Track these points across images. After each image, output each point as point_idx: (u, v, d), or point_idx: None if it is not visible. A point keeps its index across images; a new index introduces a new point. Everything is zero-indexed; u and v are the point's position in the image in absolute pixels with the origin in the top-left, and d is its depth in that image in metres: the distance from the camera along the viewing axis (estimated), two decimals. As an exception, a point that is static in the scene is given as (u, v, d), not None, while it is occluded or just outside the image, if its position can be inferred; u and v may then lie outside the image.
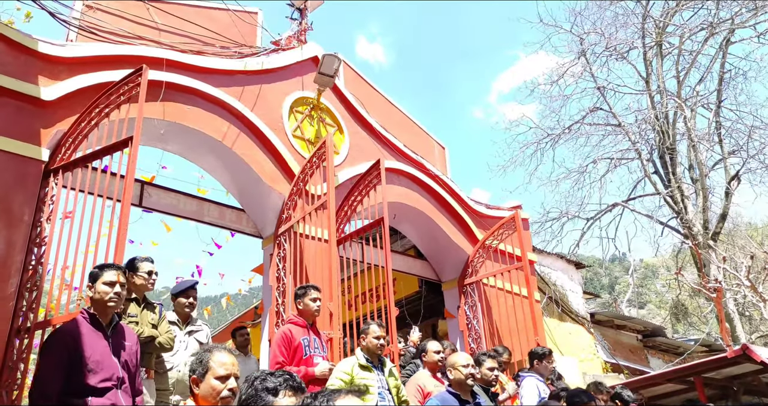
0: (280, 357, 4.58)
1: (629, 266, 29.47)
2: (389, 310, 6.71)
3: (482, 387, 4.97)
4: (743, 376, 7.80)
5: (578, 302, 11.77)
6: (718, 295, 12.81)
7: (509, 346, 8.33)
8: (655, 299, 34.79)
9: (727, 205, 16.50)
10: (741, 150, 17.07)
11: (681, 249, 18.44)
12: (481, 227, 9.66)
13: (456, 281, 9.53)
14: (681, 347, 13.57)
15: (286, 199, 7.62)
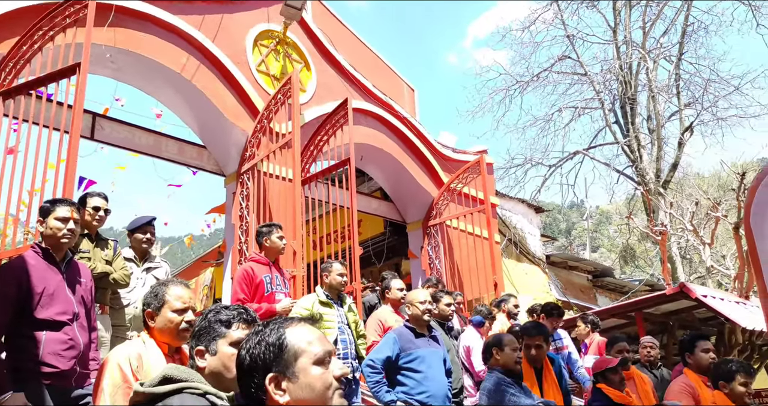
0: (241, 294, 4.55)
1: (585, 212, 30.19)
2: (353, 250, 6.73)
3: (439, 322, 5.08)
4: (679, 312, 8.16)
5: (536, 245, 12.02)
6: (663, 238, 13.23)
7: (468, 284, 8.50)
8: (607, 243, 35.80)
9: (679, 155, 16.85)
10: (696, 103, 17.30)
11: (634, 196, 18.88)
12: (447, 171, 9.64)
13: (420, 223, 9.57)
14: (627, 286, 14.09)
15: (249, 137, 7.41)
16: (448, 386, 4.18)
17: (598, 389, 4.33)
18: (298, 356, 1.38)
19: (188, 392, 1.62)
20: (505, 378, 3.65)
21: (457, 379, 4.82)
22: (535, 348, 4.01)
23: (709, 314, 7.65)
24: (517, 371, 3.77)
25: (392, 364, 4.10)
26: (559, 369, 4.30)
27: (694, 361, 4.30)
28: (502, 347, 3.77)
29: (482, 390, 3.70)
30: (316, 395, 1.34)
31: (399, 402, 3.96)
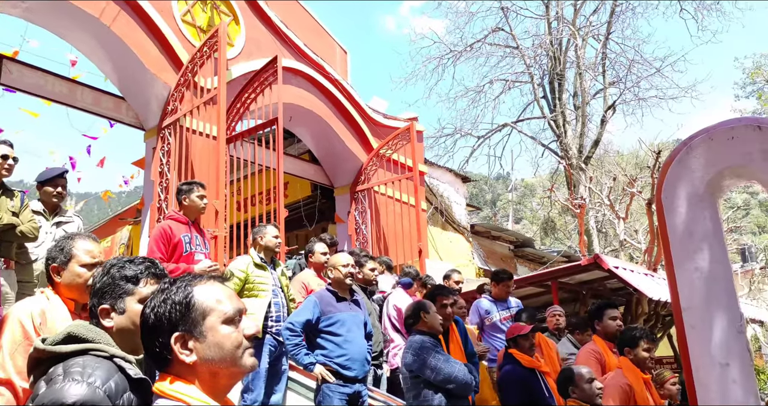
0: (157, 253, 4.39)
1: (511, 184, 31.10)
2: (279, 212, 6.63)
3: (361, 286, 5.12)
4: (592, 282, 8.62)
5: (461, 214, 12.29)
6: (581, 211, 13.87)
7: (393, 250, 8.60)
8: (529, 216, 37.11)
9: (601, 132, 17.59)
10: (620, 82, 18.03)
11: (557, 170, 19.60)
12: (377, 136, 9.61)
13: (348, 188, 9.55)
14: (545, 257, 14.72)
15: (172, 90, 7.08)
16: (367, 350, 4.25)
17: (510, 354, 4.54)
18: (206, 314, 1.34)
19: (94, 353, 1.55)
20: (430, 339, 3.75)
21: (377, 342, 4.91)
22: (450, 306, 4.11)
23: (619, 285, 8.11)
24: (440, 333, 3.88)
25: (312, 327, 4.11)
26: (464, 332, 4.45)
27: (602, 328, 4.55)
28: (429, 310, 3.86)
29: (407, 349, 3.78)
30: (225, 354, 1.32)
31: (318, 365, 3.99)
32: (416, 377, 3.66)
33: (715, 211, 2.77)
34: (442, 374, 3.57)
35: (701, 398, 2.48)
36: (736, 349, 2.51)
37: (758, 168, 2.54)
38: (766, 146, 2.51)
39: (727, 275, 2.67)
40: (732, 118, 2.83)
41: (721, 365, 2.50)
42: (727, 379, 2.46)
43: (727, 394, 2.44)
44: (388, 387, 5.18)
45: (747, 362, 2.50)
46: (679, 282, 2.71)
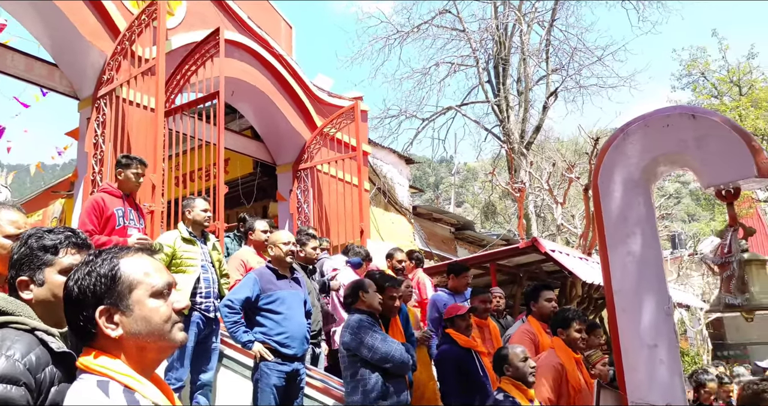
0: (89, 225, 4.21)
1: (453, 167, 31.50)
2: (218, 188, 6.49)
3: (302, 265, 5.08)
4: (529, 264, 8.87)
5: (404, 195, 12.34)
6: (521, 195, 14.20)
7: (335, 230, 8.56)
8: (471, 199, 37.77)
9: (543, 118, 18.00)
10: (562, 69, 18.45)
11: (499, 154, 19.96)
12: (321, 114, 9.47)
13: (291, 166, 9.39)
14: (485, 240, 15.03)
15: (108, 59, 6.74)
16: (307, 328, 4.22)
17: (447, 334, 4.62)
18: (133, 287, 1.29)
19: (14, 326, 1.48)
20: (368, 318, 3.75)
21: (316, 321, 4.89)
22: (398, 298, 4.14)
23: (555, 268, 8.36)
24: (378, 312, 3.88)
25: (252, 304, 4.05)
26: (405, 315, 4.50)
27: (537, 309, 4.68)
28: (367, 289, 3.85)
29: (345, 328, 3.77)
30: (152, 328, 1.28)
31: (256, 342, 3.94)
32: (354, 356, 3.66)
33: (648, 197, 2.86)
34: (379, 354, 3.58)
35: (629, 377, 2.58)
36: (664, 331, 2.61)
37: (691, 156, 2.63)
38: (699, 134, 2.59)
39: (658, 260, 2.77)
40: (668, 107, 2.91)
41: (649, 346, 2.60)
42: (655, 360, 2.57)
43: (654, 374, 2.55)
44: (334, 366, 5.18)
45: (674, 344, 2.61)
46: (612, 265, 2.79)
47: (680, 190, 40.88)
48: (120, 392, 1.20)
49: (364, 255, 6.10)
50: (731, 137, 2.45)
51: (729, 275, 2.31)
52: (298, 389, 4.13)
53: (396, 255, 6.03)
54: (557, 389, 3.72)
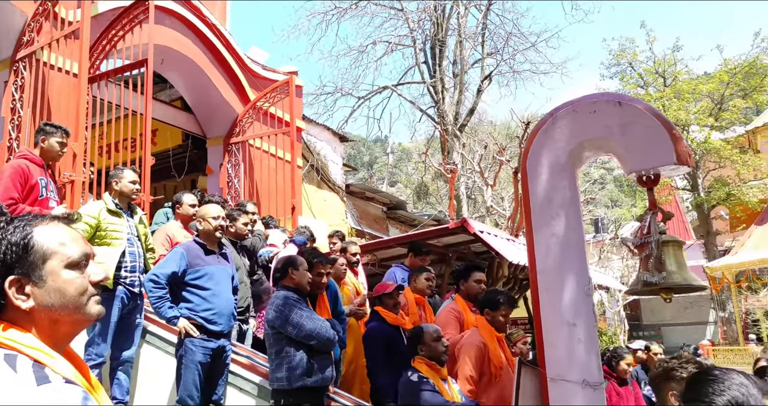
0: (15, 193, 3.99)
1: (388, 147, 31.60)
2: (145, 160, 6.25)
3: (232, 240, 4.97)
4: (458, 245, 9.03)
5: (337, 173, 12.29)
6: (453, 176, 14.44)
7: (266, 206, 8.43)
8: (404, 179, 38.06)
9: (477, 101, 18.27)
10: (497, 53, 18.75)
11: (433, 136, 20.17)
12: (255, 88, 9.23)
13: (222, 139, 9.14)
14: (417, 220, 15.22)
15: (29, 20, 6.32)
16: (234, 304, 4.15)
17: (375, 312, 4.66)
18: (47, 257, 1.21)
19: None
20: (294, 295, 3.71)
21: (244, 298, 4.81)
22: (326, 276, 4.13)
23: (483, 249, 8.55)
24: (307, 291, 3.86)
25: (178, 280, 3.94)
26: (334, 292, 4.50)
27: (465, 288, 4.78)
28: (297, 266, 3.81)
29: (270, 306, 3.72)
30: (67, 300, 1.21)
31: (182, 318, 3.85)
32: (279, 334, 3.63)
33: (573, 180, 2.95)
34: (305, 331, 3.57)
35: (549, 355, 2.68)
36: (583, 310, 2.72)
37: (616, 142, 2.73)
38: (625, 121, 2.69)
39: (580, 242, 2.87)
40: (596, 93, 3.00)
41: (568, 324, 2.70)
42: (573, 338, 2.67)
43: (572, 352, 2.65)
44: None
45: (592, 323, 2.73)
46: (537, 246, 2.87)
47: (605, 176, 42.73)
48: (29, 367, 1.13)
49: (309, 235, 6.05)
50: (654, 125, 2.55)
51: (647, 254, 2.42)
52: (224, 365, 4.07)
53: (350, 248, 6.00)
54: (479, 367, 3.82)
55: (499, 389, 3.74)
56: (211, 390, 3.99)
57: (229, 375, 4.20)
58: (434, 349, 3.39)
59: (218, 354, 3.98)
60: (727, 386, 1.39)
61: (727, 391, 1.37)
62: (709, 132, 19.09)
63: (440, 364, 3.38)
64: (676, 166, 2.47)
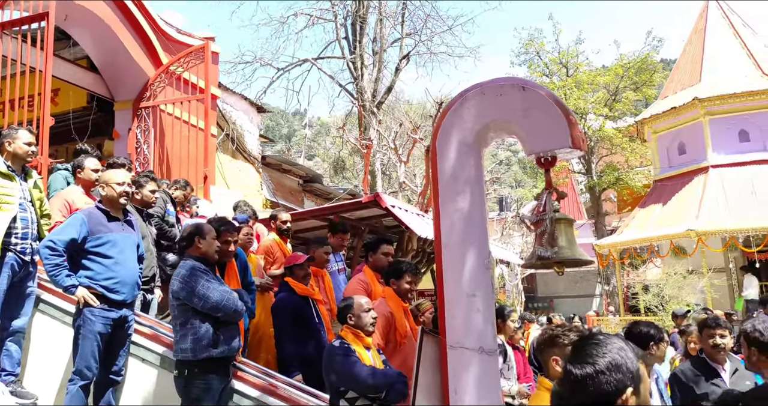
0: None
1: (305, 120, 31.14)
2: (43, 121, 5.78)
3: (137, 208, 4.72)
4: (371, 218, 9.08)
5: (253, 144, 11.95)
6: (368, 151, 14.47)
7: (177, 173, 8.07)
8: (322, 153, 37.78)
9: (395, 80, 18.29)
10: (416, 34, 18.80)
11: (351, 111, 20.06)
12: (168, 51, 8.72)
13: (131, 103, 8.60)
14: (332, 194, 15.17)
15: None
16: (138, 274, 3.96)
17: (285, 282, 4.62)
18: None
19: None
20: (201, 265, 3.59)
21: (149, 267, 4.60)
22: (233, 243, 4.01)
23: (394, 223, 8.65)
24: (214, 260, 3.73)
25: (77, 247, 3.69)
26: (244, 263, 4.41)
27: (373, 260, 4.82)
28: (204, 235, 3.67)
29: (175, 276, 3.57)
30: None
31: (80, 287, 3.62)
32: (184, 305, 3.50)
33: (479, 159, 3.02)
34: (211, 303, 3.46)
35: (449, 323, 2.75)
36: (482, 282, 2.81)
37: (518, 124, 2.81)
38: (527, 105, 2.76)
39: (482, 218, 2.95)
40: (503, 77, 3.07)
41: (468, 295, 2.79)
42: (473, 308, 2.76)
43: (471, 321, 2.74)
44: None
45: (490, 294, 2.83)
46: (442, 221, 2.93)
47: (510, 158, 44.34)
48: None
49: (252, 213, 5.82)
50: (553, 111, 2.64)
51: (542, 231, 2.52)
52: (126, 336, 3.88)
53: (280, 216, 5.83)
54: (385, 335, 3.90)
55: (403, 355, 3.82)
56: (111, 361, 3.81)
57: (131, 346, 4.02)
58: (363, 319, 3.41)
59: (120, 324, 3.80)
60: (609, 349, 1.48)
61: (608, 353, 1.46)
62: (604, 121, 20.22)
63: (366, 334, 3.42)
64: (571, 149, 2.58)
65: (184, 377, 3.48)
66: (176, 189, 5.88)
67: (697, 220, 13.66)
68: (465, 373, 2.64)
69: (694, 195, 14.61)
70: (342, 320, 3.46)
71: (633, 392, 1.43)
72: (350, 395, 3.22)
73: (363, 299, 3.53)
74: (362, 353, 3.31)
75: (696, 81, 15.75)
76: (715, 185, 14.41)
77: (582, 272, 22.40)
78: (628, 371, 1.44)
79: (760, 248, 13.07)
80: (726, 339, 3.82)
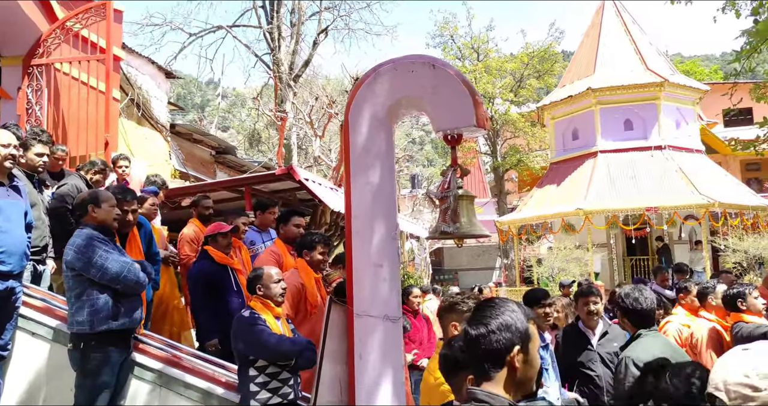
0: None
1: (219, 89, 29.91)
2: None
3: (26, 172, 4.31)
4: (285, 191, 8.92)
5: (161, 110, 11.29)
6: (282, 123, 14.13)
7: (75, 138, 7.49)
8: (237, 125, 36.57)
9: (312, 53, 17.90)
10: (334, 9, 18.44)
11: (267, 83, 19.47)
12: (65, 6, 7.96)
13: (21, 59, 7.77)
14: (246, 166, 14.72)
15: None
16: (27, 243, 3.64)
17: (205, 251, 4.53)
18: None
19: None
20: (99, 235, 3.34)
21: (41, 237, 4.24)
22: (132, 213, 3.79)
23: (308, 197, 8.53)
24: (113, 229, 3.49)
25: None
26: (148, 235, 4.20)
27: (285, 232, 4.73)
28: (100, 203, 3.42)
29: (70, 246, 3.30)
30: None
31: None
32: (79, 276, 3.26)
33: (390, 134, 3.00)
34: (110, 274, 3.25)
35: (357, 293, 2.76)
36: (389, 253, 2.83)
37: (428, 101, 2.81)
38: (436, 83, 2.76)
39: (391, 191, 2.95)
40: (416, 54, 3.05)
41: (375, 265, 2.80)
42: (379, 278, 2.78)
43: (377, 290, 2.76)
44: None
45: (396, 265, 2.85)
46: (353, 193, 2.90)
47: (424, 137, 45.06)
48: None
49: (161, 183, 5.43)
50: (460, 89, 2.67)
51: (446, 207, 2.55)
52: (13, 309, 3.57)
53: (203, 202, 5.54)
54: (295, 306, 3.87)
55: (311, 324, 3.81)
56: (-5, 335, 3.50)
57: (20, 319, 3.72)
58: (272, 289, 3.35)
59: (6, 297, 3.49)
60: (501, 311, 1.58)
61: (501, 315, 1.56)
62: (509, 106, 20.94)
63: (276, 304, 3.35)
64: (475, 128, 2.63)
65: (80, 350, 3.28)
66: (94, 173, 5.19)
67: (585, 200, 14.56)
68: (370, 339, 2.67)
69: (583, 177, 15.52)
70: (251, 290, 3.39)
71: (521, 350, 1.53)
72: (259, 363, 3.18)
73: (273, 270, 3.47)
74: (271, 322, 3.26)
75: (590, 72, 16.60)
76: (602, 169, 15.38)
77: (484, 246, 23.35)
78: (517, 331, 1.54)
79: (636, 225, 14.18)
80: (598, 305, 4.12)
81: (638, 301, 3.07)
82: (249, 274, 3.57)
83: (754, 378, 1.37)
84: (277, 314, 3.36)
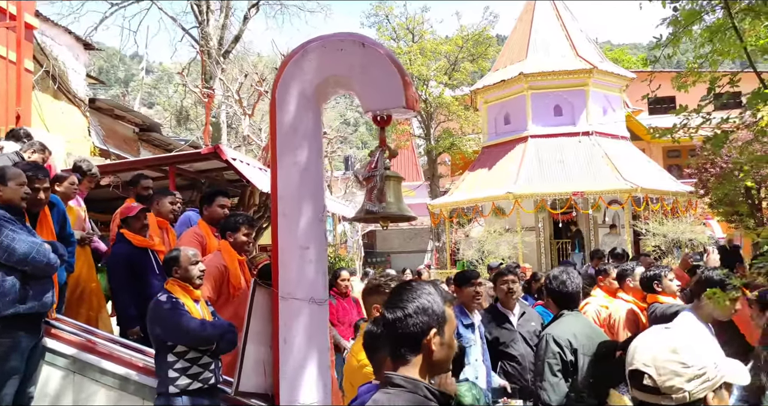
0: None
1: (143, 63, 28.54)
2: None
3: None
4: (211, 171, 8.65)
5: (79, 84, 10.65)
6: (209, 101, 13.66)
7: (-19, 112, 6.97)
8: (164, 102, 35.12)
9: (243, 29, 17.36)
10: (267, -18, 17.90)
11: (195, 58, 18.73)
12: (-30, -32, 7.33)
13: None
14: (172, 144, 14.15)
15: None
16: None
17: (121, 234, 4.39)
18: None
19: None
20: (5, 214, 3.15)
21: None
22: (43, 191, 3.58)
23: (236, 177, 8.33)
24: (21, 208, 3.29)
25: None
26: (62, 213, 4.00)
27: (209, 213, 4.60)
28: (6, 181, 3.21)
29: (-28, 225, 3.10)
30: None
31: None
32: (-17, 256, 3.08)
33: (318, 114, 2.96)
34: (17, 255, 3.07)
35: (282, 275, 2.72)
36: (316, 234, 2.81)
37: (357, 80, 2.78)
38: (365, 62, 2.74)
39: (319, 172, 2.92)
40: (345, 32, 3.01)
41: (301, 247, 2.77)
42: (306, 259, 2.75)
43: (303, 272, 2.73)
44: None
45: (323, 246, 2.83)
46: (280, 173, 2.85)
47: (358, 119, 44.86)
48: None
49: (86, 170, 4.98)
50: (389, 70, 2.65)
51: (372, 186, 2.55)
52: None
53: (142, 182, 5.23)
54: (217, 288, 3.79)
55: (234, 307, 3.76)
56: None
57: None
58: (189, 272, 3.24)
59: None
60: (418, 294, 1.58)
61: (417, 299, 1.56)
62: (443, 89, 21.16)
63: (194, 286, 3.26)
64: (405, 109, 2.62)
65: (-14, 336, 3.09)
66: (33, 152, 4.70)
67: (515, 184, 14.99)
68: (295, 323, 2.65)
69: (514, 162, 15.95)
70: (168, 272, 3.28)
71: (437, 333, 1.55)
72: (179, 349, 3.10)
73: (190, 251, 3.37)
74: (190, 305, 3.18)
75: (523, 57, 16.97)
76: (531, 153, 15.85)
77: (416, 229, 23.67)
78: (434, 314, 1.55)
79: (563, 210, 14.77)
80: (516, 285, 4.27)
81: (565, 284, 3.22)
82: (165, 255, 3.47)
83: (683, 355, 1.43)
84: (195, 297, 3.28)
